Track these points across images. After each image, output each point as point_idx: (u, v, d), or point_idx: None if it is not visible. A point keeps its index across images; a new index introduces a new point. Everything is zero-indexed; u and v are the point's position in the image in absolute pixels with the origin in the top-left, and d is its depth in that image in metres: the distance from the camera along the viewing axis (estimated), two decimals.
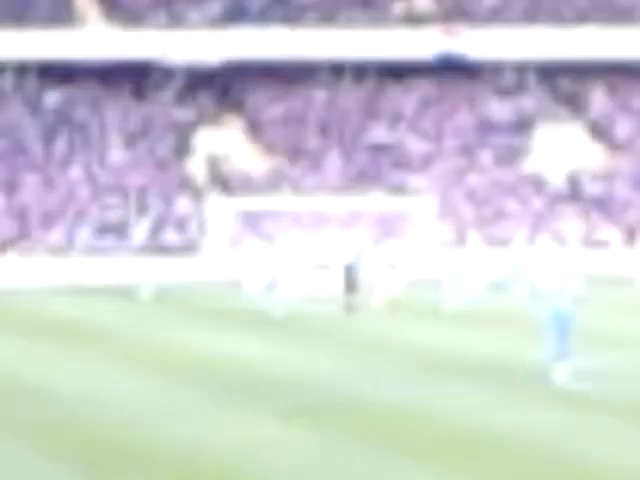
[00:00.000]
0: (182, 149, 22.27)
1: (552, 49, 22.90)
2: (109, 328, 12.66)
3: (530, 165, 22.56)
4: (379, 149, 22.55)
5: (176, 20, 23.34)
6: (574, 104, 24.02)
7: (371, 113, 23.25)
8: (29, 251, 18.75)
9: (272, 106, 23.42)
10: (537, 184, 22.10)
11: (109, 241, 19.18)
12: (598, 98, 23.94)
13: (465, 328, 11.81)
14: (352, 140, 22.61)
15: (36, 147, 22.15)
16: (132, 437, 5.94)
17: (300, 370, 9.08)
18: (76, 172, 21.37)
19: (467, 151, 22.61)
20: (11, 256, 18.38)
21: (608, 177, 22.23)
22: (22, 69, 23.14)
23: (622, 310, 13.44)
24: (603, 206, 21.59)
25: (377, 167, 22.10)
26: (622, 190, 21.94)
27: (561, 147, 22.00)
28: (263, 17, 23.55)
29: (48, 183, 21.20)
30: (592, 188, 22.01)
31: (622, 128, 23.23)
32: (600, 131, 23.36)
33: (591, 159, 22.58)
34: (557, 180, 21.88)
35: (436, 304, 13.59)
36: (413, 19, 23.90)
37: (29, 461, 5.29)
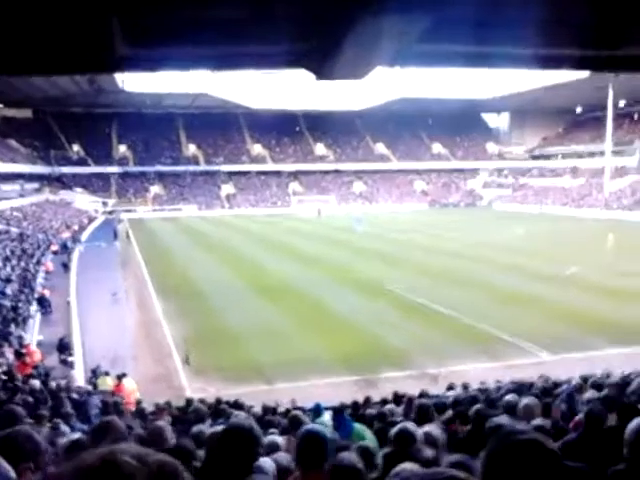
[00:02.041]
0: None
1: None
2: (275, 222, 61.38)
3: None
4: None
5: None
6: None
7: None
8: None
9: None
10: None
11: (272, 205, 65.81)
12: None
13: (339, 221, 64.05)
14: None
15: None
16: None
17: (310, 229, 60.14)
18: None
19: None
20: None
21: None
22: None
23: (376, 217, 66.24)
24: None
25: None
26: None
27: None
28: None
29: None
30: None
31: None
32: None
33: None
34: None
35: (336, 217, 65.69)
36: None
37: None
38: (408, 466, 2.97)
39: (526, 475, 1.55)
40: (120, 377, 12.59)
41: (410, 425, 3.92)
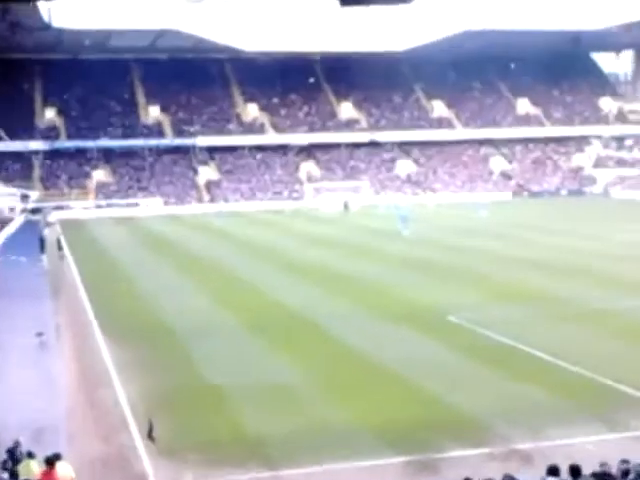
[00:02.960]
0: None
1: None
2: (278, 222, 68.61)
3: None
4: None
5: None
6: None
7: None
8: None
9: None
10: None
11: (277, 197, 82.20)
12: None
13: (378, 219, 71.24)
14: None
15: None
16: None
17: (331, 233, 60.72)
18: None
19: None
20: None
21: None
22: None
23: (428, 211, 78.88)
24: None
25: None
26: None
27: None
28: None
29: None
30: None
31: None
32: None
33: None
34: None
35: (374, 212, 74.93)
36: None
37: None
38: None
39: None
40: (51, 461, 12.67)
41: None
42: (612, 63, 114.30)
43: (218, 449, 15.69)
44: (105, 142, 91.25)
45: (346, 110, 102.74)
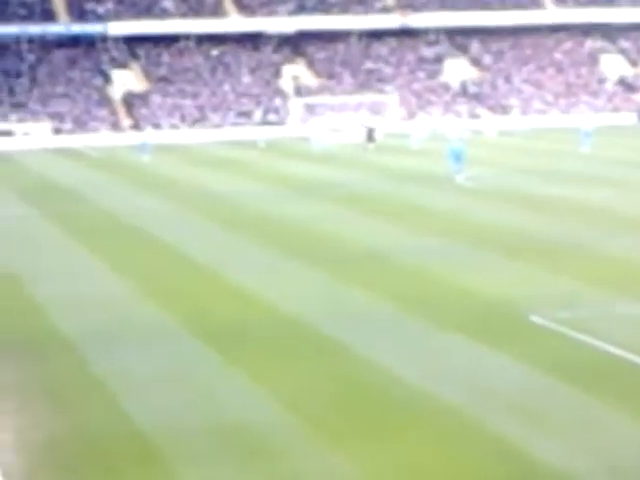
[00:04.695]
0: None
1: None
2: (247, 161, 70.13)
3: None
4: None
5: None
6: None
7: None
8: None
9: None
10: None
11: (244, 120, 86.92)
12: None
13: (413, 156, 69.34)
14: None
15: None
16: None
17: (333, 179, 58.59)
18: None
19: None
20: None
21: None
22: None
23: (490, 145, 75.16)
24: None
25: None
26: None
27: None
28: None
29: None
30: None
31: None
32: None
33: None
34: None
35: (406, 145, 74.80)
36: None
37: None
38: None
39: None
40: None
41: None
42: None
43: None
44: None
45: None
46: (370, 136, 75.87)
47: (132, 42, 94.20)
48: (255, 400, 21.33)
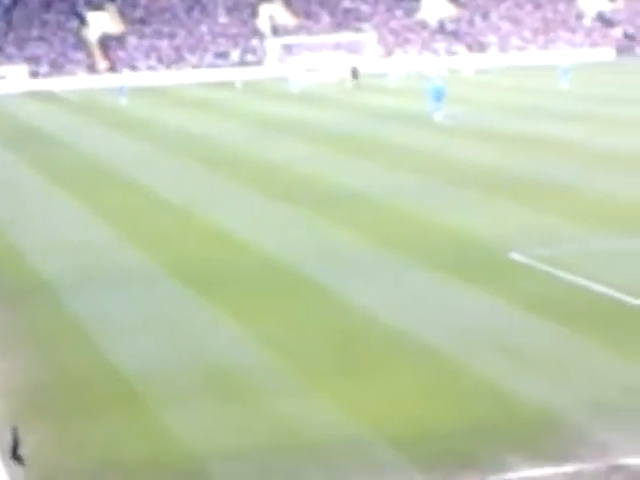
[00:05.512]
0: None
1: None
2: (225, 102, 70.21)
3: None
4: None
5: None
6: None
7: None
8: None
9: None
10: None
11: (221, 61, 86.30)
12: None
13: (391, 95, 68.63)
14: None
15: None
16: None
17: (311, 119, 58.26)
18: None
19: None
20: None
21: None
22: None
23: (468, 83, 75.37)
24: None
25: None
26: None
27: None
28: None
29: None
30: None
31: None
32: None
33: None
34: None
35: (384, 84, 75.02)
36: None
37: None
38: None
39: None
40: None
41: None
42: None
43: (117, 469, 15.60)
44: None
45: None
46: (355, 74, 75.93)
47: None
48: (235, 341, 21.40)
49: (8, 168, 45.26)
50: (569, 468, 15.17)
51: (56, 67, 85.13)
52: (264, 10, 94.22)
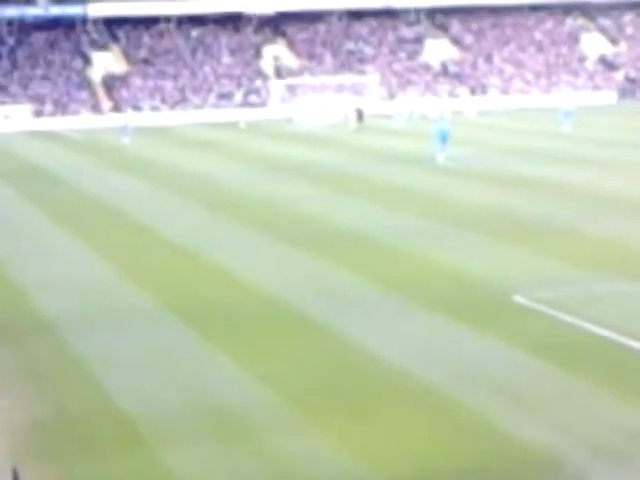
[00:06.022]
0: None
1: None
2: (228, 142, 69.52)
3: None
4: None
5: None
6: None
7: None
8: None
9: None
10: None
11: (225, 102, 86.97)
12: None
13: (394, 137, 68.79)
14: None
15: None
16: None
17: (315, 159, 59.53)
18: None
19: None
20: None
21: None
22: None
23: (470, 125, 75.63)
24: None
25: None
26: None
27: None
28: None
29: None
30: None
31: None
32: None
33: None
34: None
35: (387, 125, 75.08)
36: None
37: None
38: None
39: None
40: None
41: None
42: None
43: None
44: None
45: None
46: (360, 116, 75.94)
47: (112, 24, 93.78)
48: (237, 380, 21.35)
49: (10, 205, 45.43)
50: None
51: (60, 106, 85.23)
52: (268, 51, 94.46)
